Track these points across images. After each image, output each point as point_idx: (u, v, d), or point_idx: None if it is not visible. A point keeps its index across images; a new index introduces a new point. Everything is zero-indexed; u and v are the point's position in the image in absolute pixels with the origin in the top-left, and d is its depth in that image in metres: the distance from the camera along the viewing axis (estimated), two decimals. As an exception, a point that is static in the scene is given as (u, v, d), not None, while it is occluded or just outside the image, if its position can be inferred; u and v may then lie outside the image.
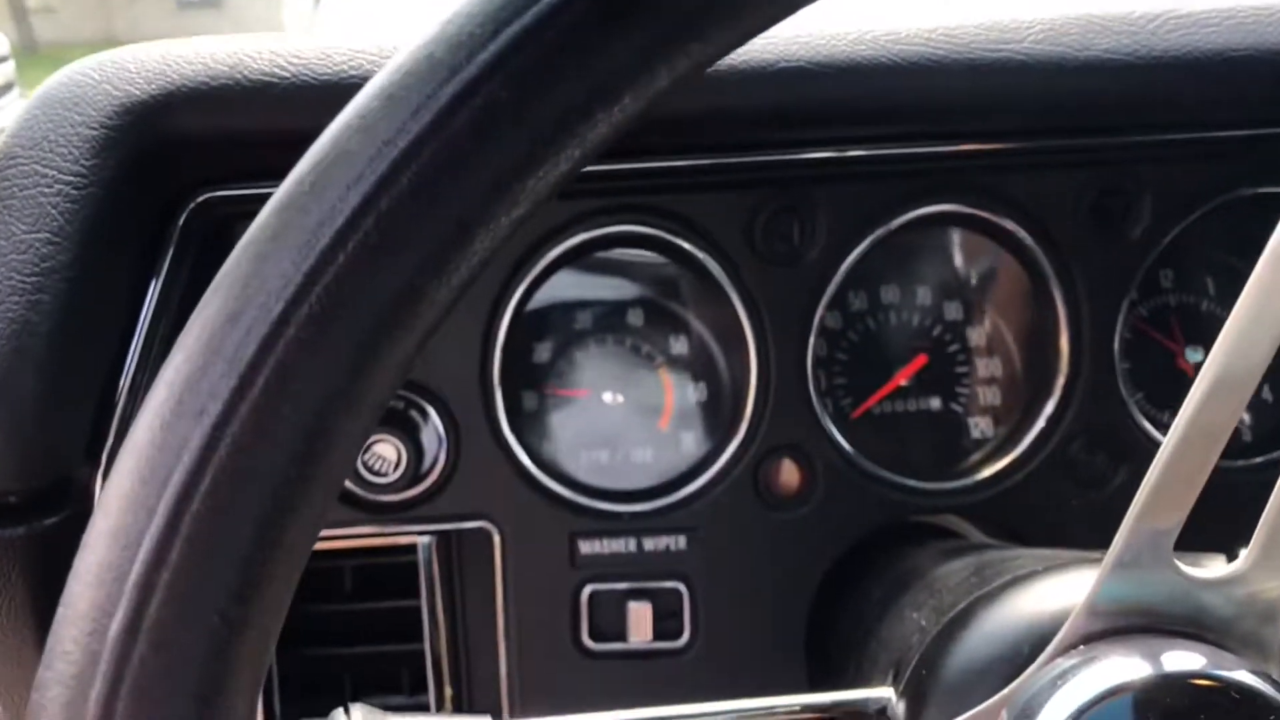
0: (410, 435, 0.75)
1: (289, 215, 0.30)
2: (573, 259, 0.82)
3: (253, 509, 0.30)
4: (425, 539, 0.80)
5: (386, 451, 0.75)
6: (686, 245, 0.78)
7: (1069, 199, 0.78)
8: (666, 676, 0.81)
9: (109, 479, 0.31)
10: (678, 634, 0.81)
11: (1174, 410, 0.89)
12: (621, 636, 0.81)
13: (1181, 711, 0.44)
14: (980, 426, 0.87)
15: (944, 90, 0.71)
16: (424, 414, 0.79)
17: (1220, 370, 0.43)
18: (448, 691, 0.82)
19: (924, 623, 0.55)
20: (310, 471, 0.30)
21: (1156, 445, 0.86)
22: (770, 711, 0.57)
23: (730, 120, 0.72)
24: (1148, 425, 0.82)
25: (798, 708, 0.57)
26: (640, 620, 0.80)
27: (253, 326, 0.30)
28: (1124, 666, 0.44)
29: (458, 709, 0.82)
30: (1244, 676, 0.44)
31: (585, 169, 0.77)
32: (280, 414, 0.29)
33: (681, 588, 0.80)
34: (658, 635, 0.81)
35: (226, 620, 0.30)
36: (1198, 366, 0.94)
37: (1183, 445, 0.44)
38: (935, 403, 0.87)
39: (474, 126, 0.30)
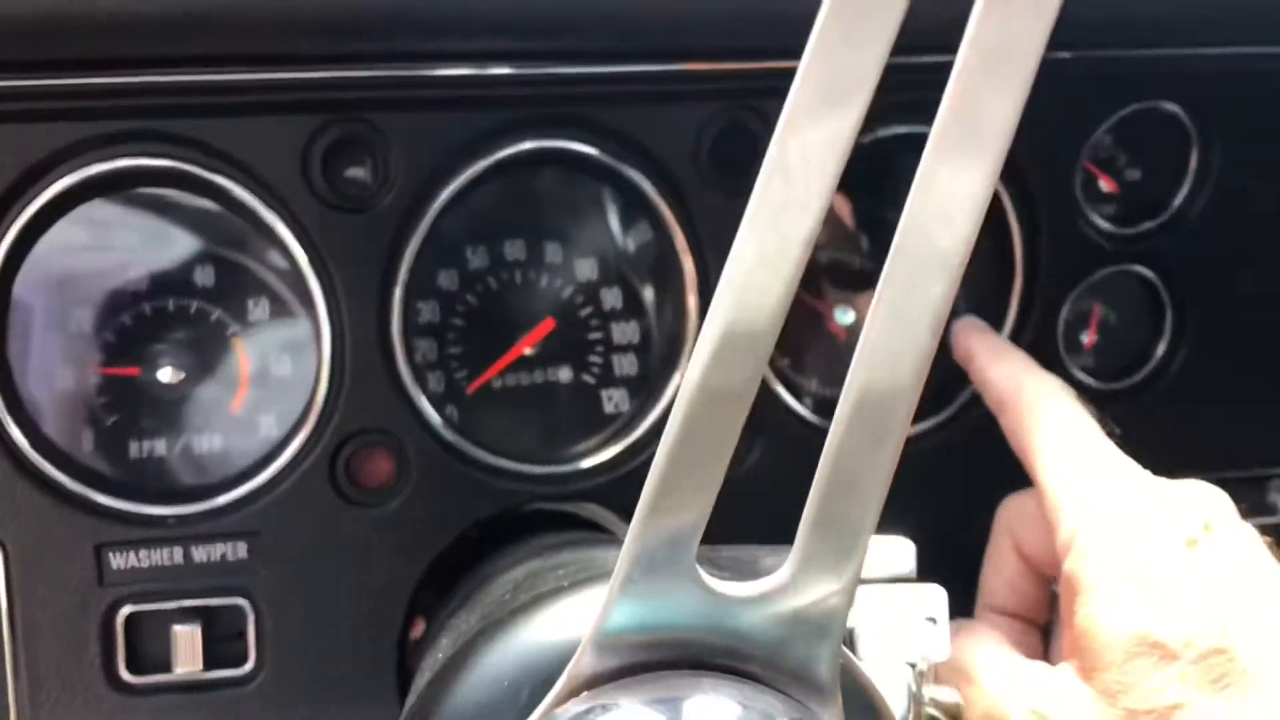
0: None
1: None
2: (96, 197, 0.66)
3: None
4: (-93, 558, 0.63)
5: None
6: (228, 184, 0.64)
7: (689, 139, 0.68)
8: (228, 711, 0.66)
9: None
10: (241, 660, 0.66)
11: (823, 377, 0.82)
12: (169, 667, 0.66)
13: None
14: (615, 400, 0.76)
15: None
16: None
17: (726, 327, 0.32)
18: (-54, 747, 0.65)
19: (441, 655, 0.43)
20: None
21: (795, 416, 0.78)
22: None
23: (265, 26, 0.58)
24: (783, 393, 0.74)
25: None
26: (188, 646, 0.65)
27: None
28: (633, 718, 0.34)
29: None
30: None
31: (87, 83, 0.60)
32: None
33: (244, 604, 0.66)
34: (216, 662, 0.66)
35: None
36: (849, 329, 0.88)
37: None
38: (565, 374, 0.76)
39: None
